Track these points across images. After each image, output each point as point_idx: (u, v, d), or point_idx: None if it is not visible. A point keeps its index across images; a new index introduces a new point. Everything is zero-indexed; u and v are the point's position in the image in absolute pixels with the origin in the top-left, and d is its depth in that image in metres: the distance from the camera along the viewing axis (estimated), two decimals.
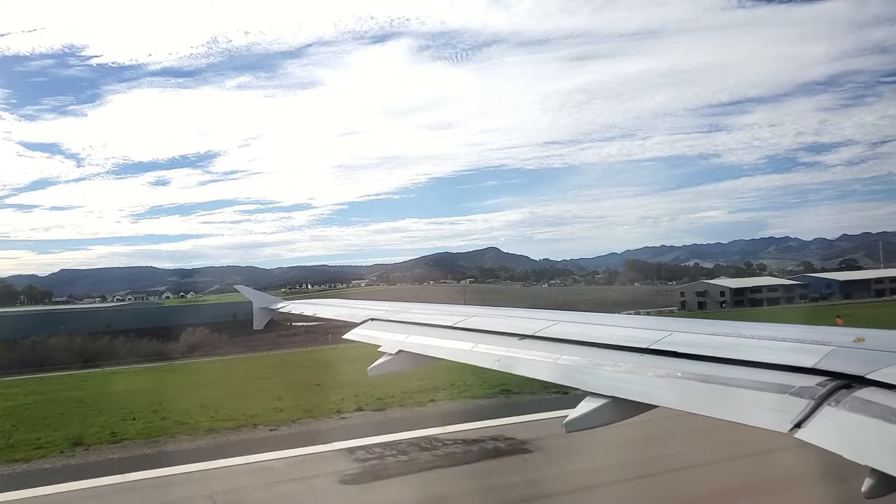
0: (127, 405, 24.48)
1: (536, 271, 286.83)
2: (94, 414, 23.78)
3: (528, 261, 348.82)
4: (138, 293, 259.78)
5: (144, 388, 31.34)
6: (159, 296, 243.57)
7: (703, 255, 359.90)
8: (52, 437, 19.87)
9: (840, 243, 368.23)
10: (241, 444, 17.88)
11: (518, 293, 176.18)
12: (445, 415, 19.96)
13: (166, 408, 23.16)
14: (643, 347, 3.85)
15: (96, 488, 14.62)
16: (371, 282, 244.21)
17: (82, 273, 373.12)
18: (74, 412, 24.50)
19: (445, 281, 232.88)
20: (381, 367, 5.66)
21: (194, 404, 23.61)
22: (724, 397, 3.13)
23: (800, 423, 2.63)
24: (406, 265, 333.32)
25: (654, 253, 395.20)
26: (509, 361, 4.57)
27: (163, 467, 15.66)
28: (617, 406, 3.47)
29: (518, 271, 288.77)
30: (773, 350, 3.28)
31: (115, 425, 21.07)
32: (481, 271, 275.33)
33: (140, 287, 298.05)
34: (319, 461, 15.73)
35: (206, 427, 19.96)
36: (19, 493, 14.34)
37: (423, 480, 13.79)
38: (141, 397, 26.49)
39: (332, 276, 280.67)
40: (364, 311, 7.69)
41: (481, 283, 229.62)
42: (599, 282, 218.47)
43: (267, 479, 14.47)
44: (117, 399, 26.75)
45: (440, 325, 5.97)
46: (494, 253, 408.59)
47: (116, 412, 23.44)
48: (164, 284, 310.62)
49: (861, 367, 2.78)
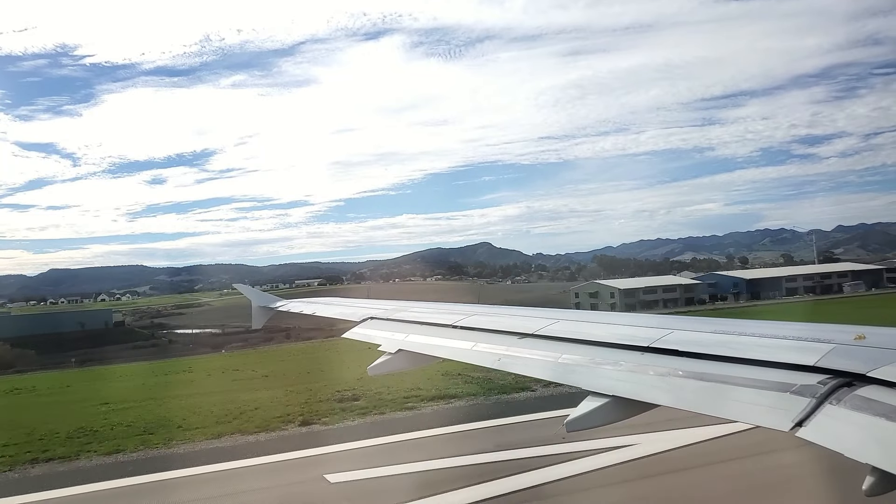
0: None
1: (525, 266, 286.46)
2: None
3: (521, 255, 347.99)
4: (118, 293, 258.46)
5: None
6: (105, 298, 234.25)
7: (698, 248, 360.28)
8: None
9: (835, 234, 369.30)
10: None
11: (464, 289, 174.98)
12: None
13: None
14: (643, 346, 3.85)
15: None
16: (352, 280, 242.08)
17: (71, 273, 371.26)
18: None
19: (437, 278, 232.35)
20: (381, 366, 5.65)
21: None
22: (724, 396, 3.14)
23: (801, 421, 2.65)
24: (398, 261, 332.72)
25: (649, 246, 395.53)
26: (509, 360, 4.57)
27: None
28: (618, 405, 3.48)
29: (509, 265, 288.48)
30: (774, 348, 3.29)
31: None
32: (450, 269, 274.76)
33: (125, 286, 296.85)
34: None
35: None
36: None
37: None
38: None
39: (322, 273, 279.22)
40: (363, 310, 7.67)
41: (449, 279, 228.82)
42: (560, 278, 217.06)
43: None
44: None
45: (439, 324, 5.96)
46: (487, 248, 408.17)
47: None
48: (150, 283, 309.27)
49: (862, 365, 2.79)
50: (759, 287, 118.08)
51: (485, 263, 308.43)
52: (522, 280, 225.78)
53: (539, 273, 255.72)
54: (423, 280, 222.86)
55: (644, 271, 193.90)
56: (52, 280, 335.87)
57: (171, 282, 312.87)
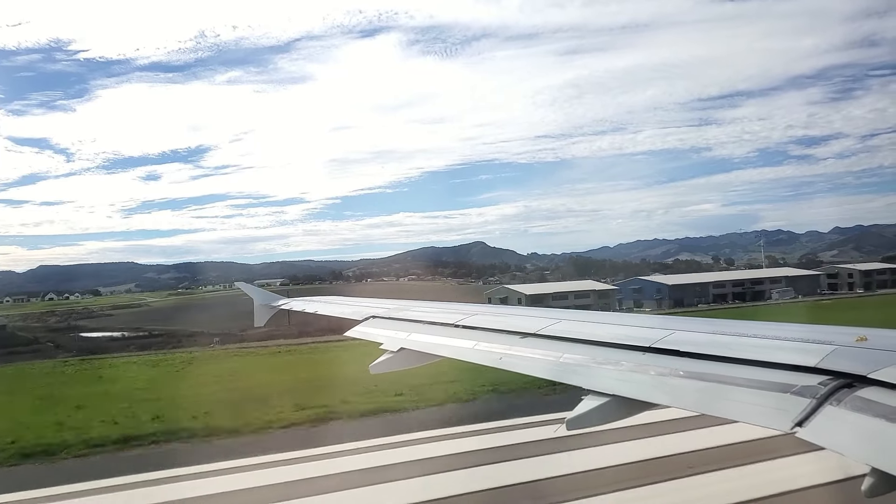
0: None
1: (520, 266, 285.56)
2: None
3: (515, 255, 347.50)
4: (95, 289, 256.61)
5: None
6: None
7: (693, 249, 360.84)
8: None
9: (831, 236, 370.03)
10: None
11: (424, 288, 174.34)
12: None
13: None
14: (645, 346, 3.88)
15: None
16: (331, 279, 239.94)
17: (59, 269, 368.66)
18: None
19: (411, 278, 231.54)
20: (383, 364, 5.67)
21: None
22: (725, 396, 3.15)
23: (801, 422, 2.66)
24: (389, 260, 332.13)
25: (645, 246, 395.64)
26: (511, 360, 4.59)
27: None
28: (618, 405, 3.50)
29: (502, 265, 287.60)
30: (775, 349, 3.31)
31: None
32: (442, 268, 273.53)
33: (116, 283, 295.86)
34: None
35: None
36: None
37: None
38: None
39: (313, 272, 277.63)
40: (366, 309, 7.70)
41: (437, 280, 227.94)
42: (531, 279, 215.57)
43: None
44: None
45: (441, 323, 5.99)
46: (481, 247, 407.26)
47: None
48: (137, 280, 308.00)
49: (863, 366, 2.81)
50: (682, 293, 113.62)
51: (476, 263, 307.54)
52: (495, 281, 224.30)
53: (512, 273, 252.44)
54: (397, 280, 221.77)
55: (616, 272, 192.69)
56: (41, 277, 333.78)
57: (159, 279, 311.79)
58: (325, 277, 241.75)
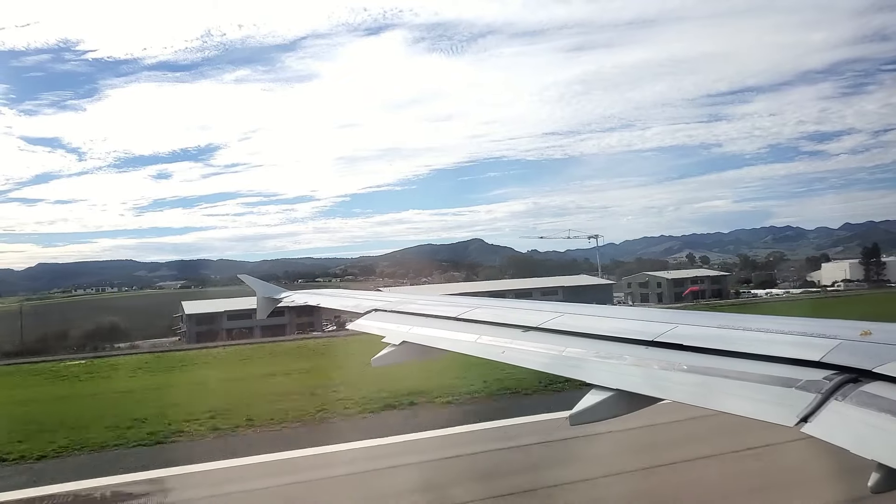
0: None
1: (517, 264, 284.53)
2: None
3: (513, 252, 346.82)
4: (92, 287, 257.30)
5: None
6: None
7: (698, 246, 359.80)
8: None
9: (840, 232, 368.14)
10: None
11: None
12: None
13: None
14: (648, 340, 3.85)
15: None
16: (340, 276, 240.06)
17: (55, 267, 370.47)
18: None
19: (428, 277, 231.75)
20: (385, 357, 5.68)
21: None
22: (729, 391, 3.12)
23: (806, 417, 2.63)
24: (386, 258, 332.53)
25: (651, 243, 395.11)
26: (514, 353, 4.57)
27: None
28: (622, 399, 3.47)
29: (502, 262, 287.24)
30: (780, 344, 3.28)
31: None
32: (439, 266, 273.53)
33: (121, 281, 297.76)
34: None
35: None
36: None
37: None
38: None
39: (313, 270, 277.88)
40: (368, 302, 7.72)
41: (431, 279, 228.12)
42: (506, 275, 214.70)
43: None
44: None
45: (443, 317, 5.99)
46: (479, 245, 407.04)
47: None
48: (134, 281, 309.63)
49: (868, 361, 2.77)
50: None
51: (474, 261, 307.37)
52: (478, 279, 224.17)
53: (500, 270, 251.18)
54: (393, 278, 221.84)
55: (593, 268, 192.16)
56: (35, 275, 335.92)
57: (149, 277, 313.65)
58: (321, 275, 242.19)
